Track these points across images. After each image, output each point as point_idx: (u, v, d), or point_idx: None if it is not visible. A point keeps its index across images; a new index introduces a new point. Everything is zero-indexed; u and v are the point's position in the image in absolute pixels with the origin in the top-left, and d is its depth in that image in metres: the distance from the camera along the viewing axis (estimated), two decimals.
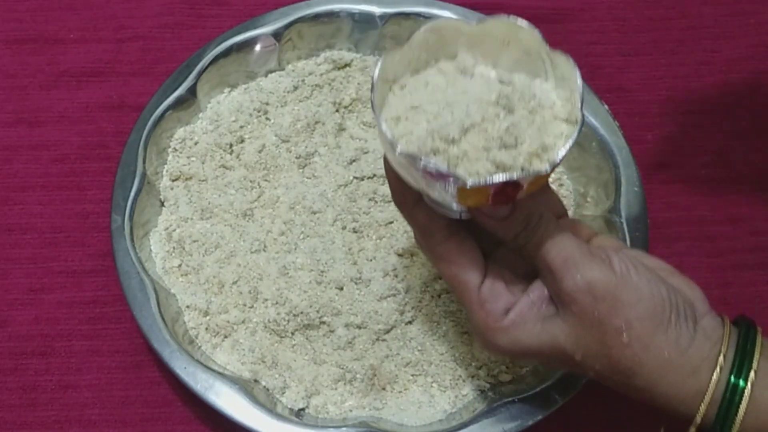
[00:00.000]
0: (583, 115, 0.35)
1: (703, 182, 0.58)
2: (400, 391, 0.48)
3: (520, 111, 0.36)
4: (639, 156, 0.53)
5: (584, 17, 0.65)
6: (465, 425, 0.44)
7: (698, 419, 0.36)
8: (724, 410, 0.35)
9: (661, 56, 0.63)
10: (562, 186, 0.55)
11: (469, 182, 0.33)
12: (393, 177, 0.38)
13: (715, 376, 0.35)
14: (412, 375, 0.48)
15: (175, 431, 0.49)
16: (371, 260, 0.50)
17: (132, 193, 0.50)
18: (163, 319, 0.47)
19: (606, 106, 0.54)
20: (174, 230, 0.52)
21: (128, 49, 0.62)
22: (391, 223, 0.52)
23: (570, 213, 0.54)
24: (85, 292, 0.53)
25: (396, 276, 0.49)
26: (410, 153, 0.34)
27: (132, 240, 0.49)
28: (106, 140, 0.58)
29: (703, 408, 0.35)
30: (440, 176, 0.34)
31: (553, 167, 0.35)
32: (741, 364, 0.35)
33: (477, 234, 0.39)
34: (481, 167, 0.34)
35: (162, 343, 0.46)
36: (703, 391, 0.35)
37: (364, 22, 0.58)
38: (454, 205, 0.38)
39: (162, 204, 0.53)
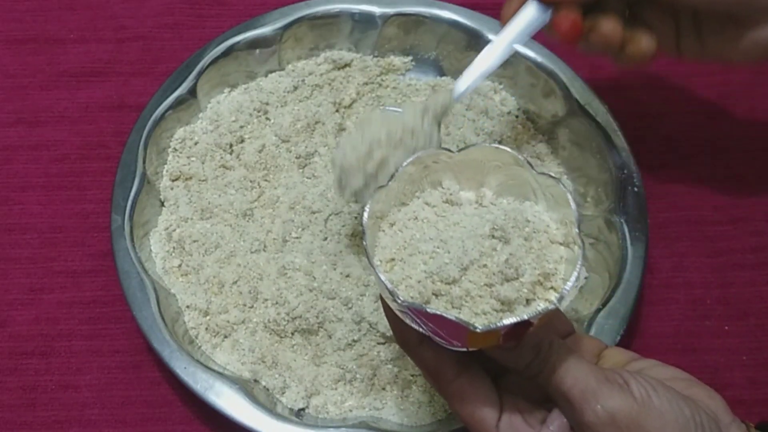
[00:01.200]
0: (582, 241, 0.35)
1: (703, 182, 0.58)
2: (400, 391, 0.48)
3: (516, 240, 0.35)
4: (639, 156, 0.53)
5: None
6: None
7: None
8: None
9: (661, 56, 0.63)
10: None
11: (480, 328, 0.32)
12: (393, 317, 0.37)
13: None
14: (412, 375, 0.48)
15: (175, 431, 0.49)
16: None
17: (132, 193, 0.50)
18: (163, 319, 0.47)
19: (606, 106, 0.54)
20: (174, 230, 0.52)
21: (128, 49, 0.62)
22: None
23: None
24: (85, 292, 0.53)
25: None
26: (414, 304, 0.33)
27: (132, 240, 0.49)
28: (106, 140, 0.58)
29: None
30: (448, 323, 0.33)
31: (561, 301, 0.34)
32: None
33: (485, 358, 0.38)
34: (486, 305, 0.34)
35: (162, 343, 0.46)
36: None
37: (364, 22, 0.58)
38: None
39: (162, 204, 0.53)
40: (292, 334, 0.48)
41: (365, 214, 0.36)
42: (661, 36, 0.47)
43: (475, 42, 0.57)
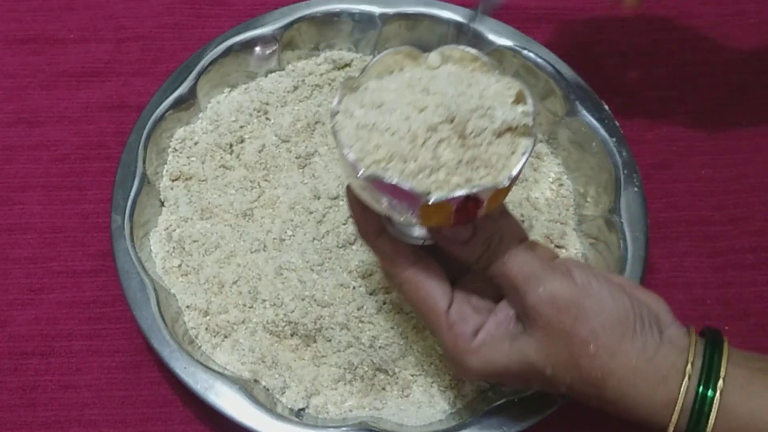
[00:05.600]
0: (536, 132, 0.36)
1: (703, 182, 0.58)
2: (400, 391, 0.48)
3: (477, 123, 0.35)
4: (639, 156, 0.53)
5: (584, 17, 0.65)
6: (465, 425, 0.44)
7: (671, 429, 0.36)
8: (695, 420, 0.35)
9: (661, 56, 0.63)
10: (562, 186, 0.55)
11: (432, 198, 0.33)
12: (356, 208, 0.39)
13: (684, 386, 0.35)
14: (412, 375, 0.48)
15: (175, 431, 0.49)
16: (371, 263, 0.50)
17: (132, 193, 0.50)
18: (163, 319, 0.47)
19: (606, 106, 0.54)
20: (174, 230, 0.52)
21: (128, 49, 0.62)
22: None
23: (570, 213, 0.54)
24: (85, 292, 0.53)
25: None
26: (372, 174, 0.34)
27: (132, 240, 0.49)
28: (106, 140, 0.58)
29: (674, 417, 0.35)
30: (403, 195, 0.34)
31: (512, 182, 0.35)
32: (709, 372, 0.35)
33: (442, 263, 0.40)
34: (442, 179, 0.34)
35: (162, 343, 0.46)
36: (674, 401, 0.35)
37: (364, 22, 0.58)
38: (416, 230, 0.39)
39: (162, 204, 0.53)
40: (291, 335, 0.48)
41: (335, 101, 0.36)
42: None
43: (475, 42, 0.57)
